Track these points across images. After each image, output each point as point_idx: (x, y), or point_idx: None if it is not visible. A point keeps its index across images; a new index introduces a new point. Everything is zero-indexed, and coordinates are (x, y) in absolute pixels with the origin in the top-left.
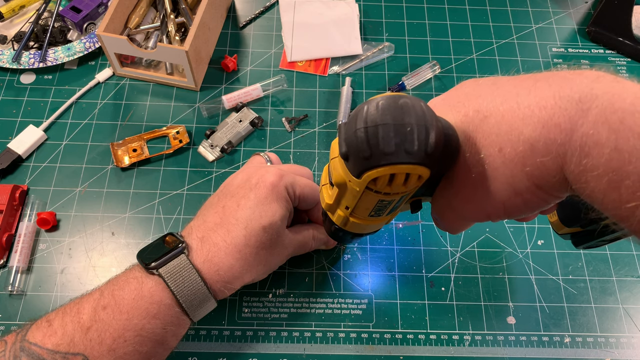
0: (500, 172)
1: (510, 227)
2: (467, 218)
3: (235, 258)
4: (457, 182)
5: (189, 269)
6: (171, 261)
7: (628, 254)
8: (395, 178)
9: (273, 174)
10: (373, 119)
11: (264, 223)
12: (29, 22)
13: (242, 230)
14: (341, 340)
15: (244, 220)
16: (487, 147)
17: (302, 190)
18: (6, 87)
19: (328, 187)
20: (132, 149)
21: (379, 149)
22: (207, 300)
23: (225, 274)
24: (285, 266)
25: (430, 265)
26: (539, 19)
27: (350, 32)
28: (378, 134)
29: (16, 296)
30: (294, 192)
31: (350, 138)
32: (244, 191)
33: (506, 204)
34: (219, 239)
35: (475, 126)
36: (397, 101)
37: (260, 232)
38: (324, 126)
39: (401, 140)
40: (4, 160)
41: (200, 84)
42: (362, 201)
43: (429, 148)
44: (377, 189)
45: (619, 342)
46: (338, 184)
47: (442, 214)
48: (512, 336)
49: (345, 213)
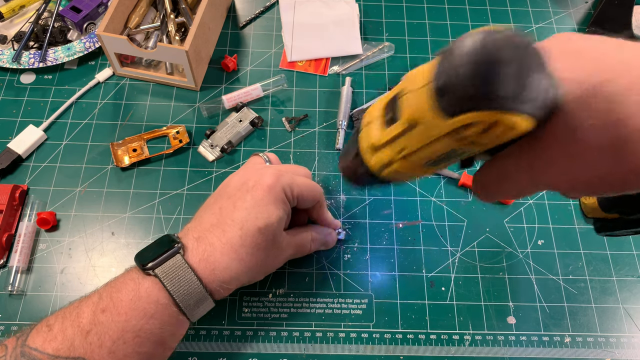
0: (614, 143)
1: (510, 227)
2: (544, 184)
3: (231, 258)
4: (549, 144)
5: (185, 268)
6: (167, 261)
7: (628, 254)
8: (495, 127)
9: (270, 175)
10: (488, 53)
11: (260, 224)
12: (29, 22)
13: (238, 230)
14: (341, 340)
15: (240, 221)
16: (608, 113)
17: (301, 190)
18: (6, 87)
19: (379, 124)
20: (132, 148)
21: (490, 90)
22: (204, 300)
23: (221, 274)
24: (285, 266)
25: (430, 265)
26: (539, 19)
27: (350, 32)
28: (493, 73)
29: (16, 296)
30: (292, 192)
31: (454, 70)
32: (240, 193)
33: (603, 179)
34: (214, 239)
35: (593, 87)
36: (518, 39)
37: (256, 233)
38: (324, 126)
39: (519, 85)
40: (4, 160)
41: (200, 84)
42: (431, 146)
43: (548, 100)
44: (464, 135)
45: (619, 342)
46: (412, 120)
47: (509, 175)
48: (512, 336)
49: (393, 157)
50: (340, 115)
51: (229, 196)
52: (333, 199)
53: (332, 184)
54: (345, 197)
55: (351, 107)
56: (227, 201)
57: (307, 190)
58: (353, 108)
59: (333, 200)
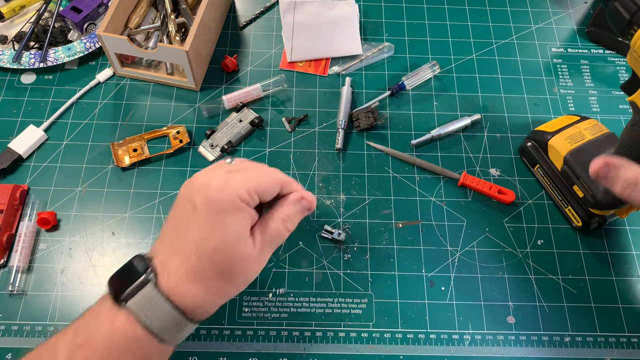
0: None
1: (510, 226)
2: None
3: (197, 286)
4: None
5: (158, 297)
6: (139, 291)
7: (628, 254)
8: None
9: (216, 188)
10: None
11: (215, 244)
12: (30, 22)
13: (195, 252)
14: (341, 339)
15: (195, 243)
16: None
17: (257, 184)
18: (7, 87)
19: None
20: (133, 148)
21: None
22: (183, 326)
23: (192, 302)
24: (286, 266)
25: (430, 264)
26: (539, 19)
27: (350, 32)
28: None
29: (16, 296)
30: (248, 193)
31: None
32: (191, 209)
33: None
34: (176, 266)
35: None
36: None
37: (214, 254)
38: (324, 126)
39: None
40: (5, 160)
41: (200, 84)
42: None
43: None
44: None
45: (619, 342)
46: None
47: None
48: (512, 336)
49: None
50: (340, 115)
51: (181, 210)
52: (333, 199)
53: (332, 183)
54: (345, 197)
55: (351, 107)
56: (181, 217)
57: (264, 183)
58: (353, 108)
59: (333, 200)
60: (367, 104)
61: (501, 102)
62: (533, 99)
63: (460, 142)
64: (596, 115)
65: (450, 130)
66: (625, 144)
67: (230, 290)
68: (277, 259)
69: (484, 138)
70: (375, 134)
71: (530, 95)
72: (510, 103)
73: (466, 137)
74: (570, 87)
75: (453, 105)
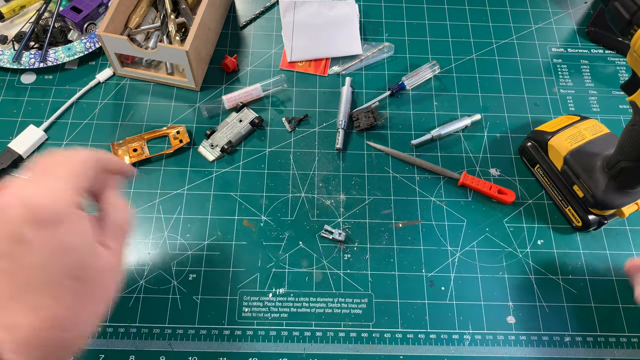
0: None
1: (510, 227)
2: None
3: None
4: None
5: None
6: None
7: (628, 254)
8: None
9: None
10: None
11: (72, 273)
12: (30, 22)
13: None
14: (341, 339)
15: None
16: None
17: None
18: (7, 87)
19: None
20: (133, 148)
21: None
22: None
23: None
24: (286, 266)
25: (430, 264)
26: (539, 19)
27: (350, 32)
28: None
29: None
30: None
31: None
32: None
33: None
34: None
35: None
36: None
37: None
38: (324, 126)
39: None
40: (5, 160)
41: (200, 84)
42: None
43: None
44: None
45: (619, 342)
46: None
47: None
48: (512, 336)
49: None
50: (340, 115)
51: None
52: (333, 199)
53: (332, 183)
54: (345, 197)
55: (351, 107)
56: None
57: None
58: (353, 108)
59: (333, 200)
60: (367, 104)
61: (501, 102)
62: (533, 99)
63: (460, 142)
64: (596, 115)
65: (450, 130)
66: (625, 144)
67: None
68: (277, 259)
69: (484, 138)
70: (375, 134)
71: (530, 95)
72: (510, 103)
73: (466, 137)
74: (570, 87)
75: (453, 105)
